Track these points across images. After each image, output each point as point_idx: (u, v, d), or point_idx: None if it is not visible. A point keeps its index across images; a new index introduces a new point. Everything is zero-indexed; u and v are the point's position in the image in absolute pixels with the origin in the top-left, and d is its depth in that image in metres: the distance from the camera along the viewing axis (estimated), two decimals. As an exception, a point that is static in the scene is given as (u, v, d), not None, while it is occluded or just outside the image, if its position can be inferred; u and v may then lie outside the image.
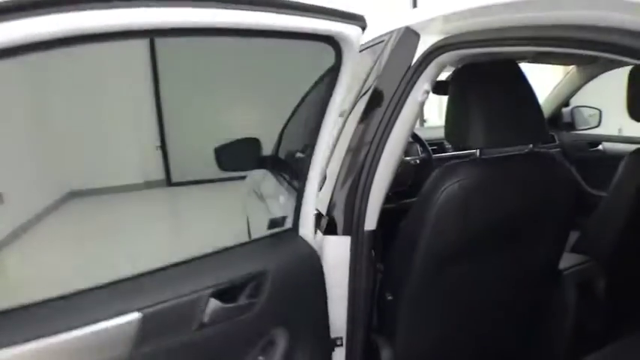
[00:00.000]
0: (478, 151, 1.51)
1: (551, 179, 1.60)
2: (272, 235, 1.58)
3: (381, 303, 1.69)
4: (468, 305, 1.66)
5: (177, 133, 7.88)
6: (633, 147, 2.06)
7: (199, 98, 7.22)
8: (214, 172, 1.88)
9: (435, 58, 1.46)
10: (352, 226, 1.56)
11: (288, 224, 1.60)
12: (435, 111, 6.46)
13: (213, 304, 1.31)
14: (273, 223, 1.58)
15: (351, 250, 1.56)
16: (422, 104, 1.52)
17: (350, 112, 1.71)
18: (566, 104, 3.41)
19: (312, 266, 1.54)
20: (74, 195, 7.22)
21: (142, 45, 7.36)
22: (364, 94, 1.67)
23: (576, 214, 1.68)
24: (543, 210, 1.61)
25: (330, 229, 1.60)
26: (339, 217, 1.59)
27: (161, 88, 7.79)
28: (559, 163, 1.64)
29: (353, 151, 1.61)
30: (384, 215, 1.63)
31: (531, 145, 1.59)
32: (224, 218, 3.64)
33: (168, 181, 8.09)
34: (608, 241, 1.95)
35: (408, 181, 2.42)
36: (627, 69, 2.35)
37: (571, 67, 3.19)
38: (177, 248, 4.56)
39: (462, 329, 1.70)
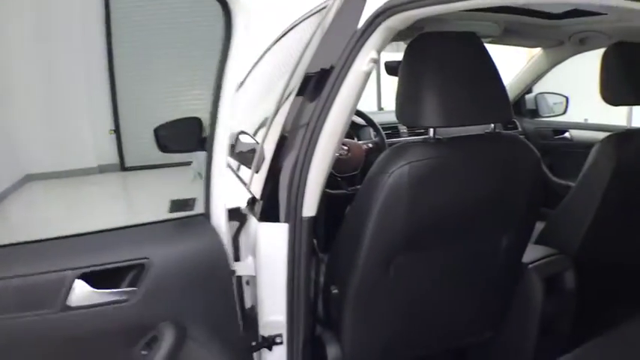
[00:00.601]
0: (432, 130, 1.40)
1: (515, 162, 1.52)
2: (176, 220, 1.49)
3: (326, 297, 1.62)
4: (421, 299, 1.59)
5: (132, 117, 7.87)
6: (602, 134, 2.02)
7: (154, 80, 7.43)
8: (168, 156, 1.83)
9: (382, 21, 1.32)
10: (290, 213, 1.44)
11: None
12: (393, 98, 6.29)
13: (81, 286, 1.27)
14: (177, 205, 1.44)
15: (289, 238, 1.44)
16: (367, 75, 1.38)
17: (286, 86, 1.58)
18: (530, 90, 3.32)
19: (212, 258, 1.43)
20: (30, 178, 7.33)
21: (95, 27, 7.55)
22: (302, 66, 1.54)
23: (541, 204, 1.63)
24: (505, 196, 1.53)
25: (266, 216, 1.48)
26: (274, 202, 1.47)
27: (116, 71, 7.84)
28: (523, 144, 1.55)
29: (290, 128, 1.48)
30: (333, 202, 1.60)
31: (492, 126, 1.51)
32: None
33: (122, 166, 8.12)
34: (578, 232, 1.89)
35: (359, 166, 2.34)
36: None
37: (537, 50, 3.06)
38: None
39: (414, 324, 1.63)
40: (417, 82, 1.37)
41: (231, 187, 1.85)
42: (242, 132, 1.79)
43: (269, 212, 1.48)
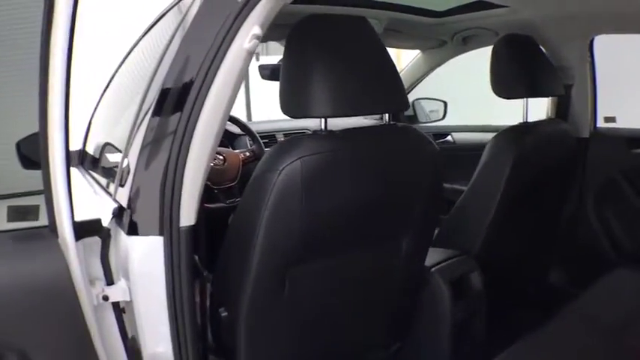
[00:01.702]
0: (323, 122, 1.27)
1: (414, 155, 1.43)
2: (14, 232, 1.24)
3: (215, 321, 1.44)
4: (322, 314, 1.47)
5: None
6: (485, 135, 2.08)
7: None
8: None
9: None
10: (164, 224, 1.23)
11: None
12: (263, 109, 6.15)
13: None
14: (17, 213, 1.26)
15: (166, 253, 1.24)
16: (250, 55, 1.20)
17: (152, 78, 1.39)
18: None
19: (55, 281, 1.18)
20: None
21: None
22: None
23: None
24: (407, 194, 1.45)
25: (136, 228, 1.27)
26: (145, 212, 1.26)
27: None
28: (421, 136, 1.45)
29: (158, 124, 1.27)
30: (211, 216, 1.45)
31: (387, 118, 1.44)
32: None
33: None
34: (478, 232, 1.87)
35: (236, 177, 2.18)
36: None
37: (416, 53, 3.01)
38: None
39: (317, 342, 1.51)
40: (302, 68, 1.24)
41: (90, 195, 1.66)
42: (108, 144, 1.60)
43: (139, 223, 1.26)
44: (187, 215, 1.25)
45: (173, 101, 1.25)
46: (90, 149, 2.15)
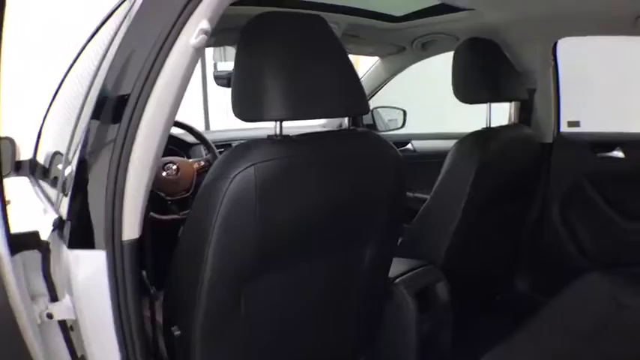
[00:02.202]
0: (278, 126, 1.21)
1: (374, 161, 1.37)
2: None
3: (168, 341, 1.38)
4: (283, 329, 1.41)
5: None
6: (446, 142, 2.06)
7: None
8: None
9: None
10: (107, 237, 1.17)
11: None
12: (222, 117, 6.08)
13: None
14: None
15: (109, 267, 1.17)
16: (197, 53, 1.12)
17: (93, 81, 1.30)
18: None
19: None
20: None
21: None
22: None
23: None
24: (369, 202, 1.38)
25: (78, 241, 1.20)
26: (86, 224, 1.18)
27: None
28: (382, 141, 1.39)
29: (98, 130, 1.20)
30: (164, 229, 1.38)
31: (346, 123, 1.38)
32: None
33: None
34: (443, 240, 1.84)
35: (190, 187, 2.10)
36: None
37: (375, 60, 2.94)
38: None
39: (278, 358, 1.44)
40: (255, 67, 1.16)
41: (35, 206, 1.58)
42: (57, 152, 1.53)
43: (81, 236, 1.19)
44: (131, 228, 1.18)
45: (113, 105, 1.17)
46: (41, 158, 2.08)
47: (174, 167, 2.08)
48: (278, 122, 1.20)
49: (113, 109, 1.17)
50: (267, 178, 1.14)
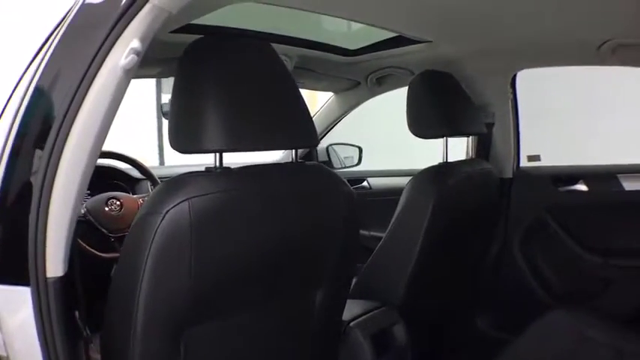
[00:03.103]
0: (217, 158, 1.13)
1: (324, 197, 1.28)
2: None
3: None
4: None
5: None
6: (402, 179, 2.00)
7: None
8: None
9: None
10: (30, 272, 1.07)
11: None
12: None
13: None
14: None
15: (34, 305, 1.08)
16: (127, 75, 1.03)
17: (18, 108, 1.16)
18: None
19: None
20: None
21: None
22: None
23: None
24: (315, 239, 1.29)
25: (3, 275, 1.12)
26: (9, 257, 1.12)
27: None
28: (333, 176, 1.31)
29: (20, 159, 1.11)
30: (106, 267, 1.30)
31: (293, 155, 1.29)
32: None
33: None
34: (400, 279, 1.76)
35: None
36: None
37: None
38: None
39: None
40: (194, 94, 1.09)
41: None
42: None
43: (6, 271, 1.11)
44: (55, 265, 1.08)
45: (36, 131, 1.09)
46: None
47: (118, 203, 2.02)
48: (217, 154, 1.12)
49: (35, 136, 1.09)
50: (203, 214, 1.05)
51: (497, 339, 2.09)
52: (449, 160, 1.90)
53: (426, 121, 1.79)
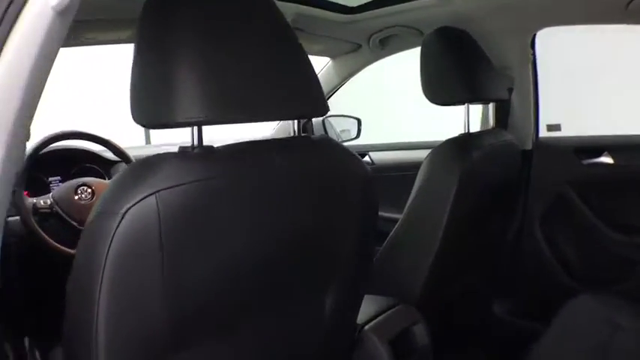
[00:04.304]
0: (195, 133, 0.86)
1: (338, 181, 1.04)
2: None
3: None
4: None
5: None
6: (407, 153, 1.94)
7: None
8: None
9: None
10: None
11: None
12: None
13: None
14: None
15: None
16: (61, 17, 0.77)
17: None
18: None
19: None
20: None
21: None
22: None
23: None
24: (330, 234, 1.07)
25: None
26: None
27: None
28: (347, 153, 1.07)
29: None
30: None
31: (295, 127, 1.03)
32: None
33: None
34: (420, 269, 1.61)
35: None
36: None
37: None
38: None
39: None
40: (162, 52, 0.83)
41: None
42: None
43: None
44: None
45: None
46: None
47: (90, 190, 1.82)
48: (195, 128, 0.86)
49: None
50: (176, 212, 0.81)
51: (516, 325, 2.00)
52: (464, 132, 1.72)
53: (444, 85, 1.60)
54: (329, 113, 2.77)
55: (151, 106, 0.84)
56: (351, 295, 1.23)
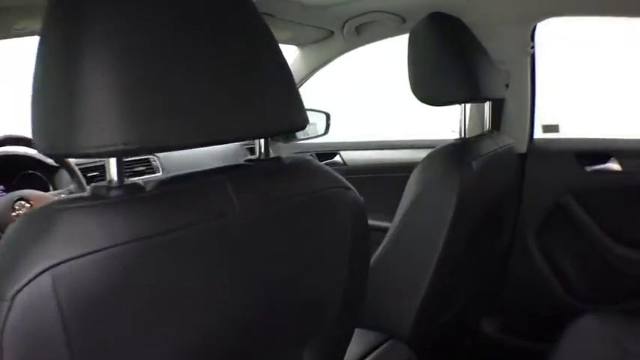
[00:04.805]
0: (113, 165, 0.63)
1: (324, 218, 0.82)
2: None
3: None
4: None
5: None
6: (381, 153, 1.91)
7: None
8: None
9: None
10: None
11: None
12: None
13: None
14: None
15: None
16: None
17: None
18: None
19: None
20: None
21: None
22: None
23: None
24: (314, 283, 0.85)
25: None
26: None
27: None
28: (332, 178, 0.85)
29: None
30: None
31: (261, 146, 0.81)
32: None
33: None
34: (412, 301, 1.45)
35: None
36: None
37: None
38: None
39: None
40: (71, 51, 0.58)
41: None
42: None
43: None
44: None
45: None
46: None
47: (29, 205, 1.69)
48: (113, 160, 0.63)
49: None
50: (84, 294, 0.57)
51: (507, 346, 1.91)
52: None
53: (438, 82, 1.40)
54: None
55: (51, 127, 0.59)
56: (337, 344, 1.03)
